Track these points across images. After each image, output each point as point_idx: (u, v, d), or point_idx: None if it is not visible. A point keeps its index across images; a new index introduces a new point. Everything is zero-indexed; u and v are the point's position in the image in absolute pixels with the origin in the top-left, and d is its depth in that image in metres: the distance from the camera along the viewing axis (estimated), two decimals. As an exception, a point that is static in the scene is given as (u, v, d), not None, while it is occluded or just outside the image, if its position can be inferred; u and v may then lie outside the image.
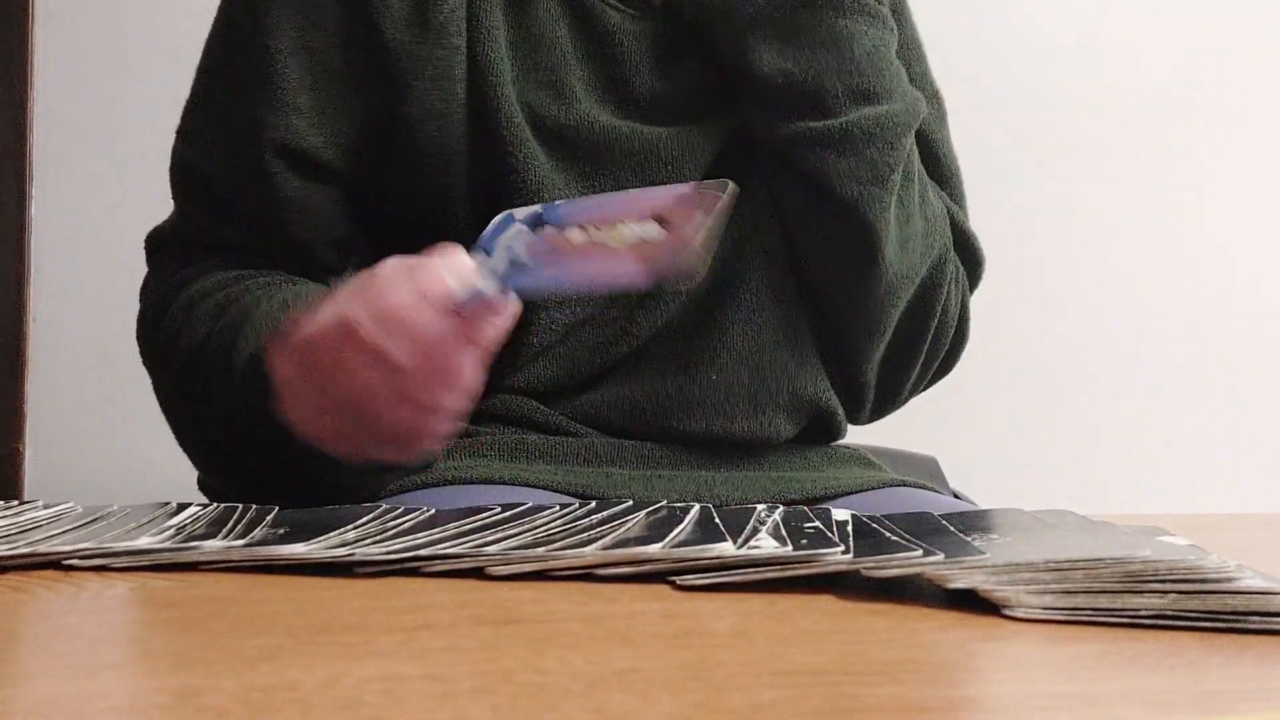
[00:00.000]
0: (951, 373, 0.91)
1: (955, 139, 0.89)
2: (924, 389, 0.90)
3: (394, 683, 0.29)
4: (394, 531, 0.48)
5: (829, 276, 0.80)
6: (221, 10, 0.80)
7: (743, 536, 0.45)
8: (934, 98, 0.88)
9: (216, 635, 0.34)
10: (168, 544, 0.46)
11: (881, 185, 0.76)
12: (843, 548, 0.42)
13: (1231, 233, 1.82)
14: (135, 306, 0.79)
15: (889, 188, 0.76)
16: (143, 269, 0.81)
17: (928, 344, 0.84)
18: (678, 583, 0.42)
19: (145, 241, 0.82)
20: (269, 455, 0.67)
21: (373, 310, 0.60)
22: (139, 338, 0.78)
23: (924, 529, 0.48)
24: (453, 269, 0.60)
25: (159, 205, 0.81)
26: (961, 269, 0.86)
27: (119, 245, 1.55)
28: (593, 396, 0.78)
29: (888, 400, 0.87)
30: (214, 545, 0.45)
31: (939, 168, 0.87)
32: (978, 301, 0.89)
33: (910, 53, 0.87)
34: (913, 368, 0.85)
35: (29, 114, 1.57)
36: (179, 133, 0.79)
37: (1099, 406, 1.78)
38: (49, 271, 1.58)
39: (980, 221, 0.89)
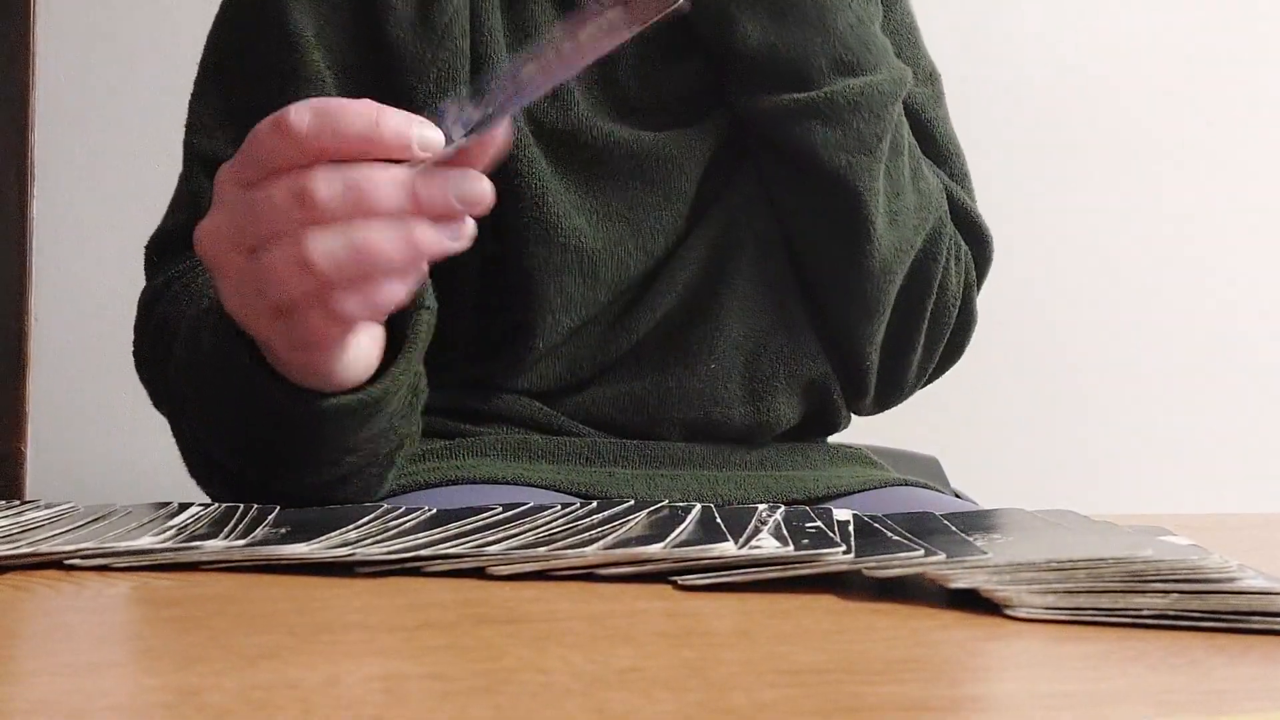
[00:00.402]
0: (955, 373, 0.91)
1: (960, 138, 0.89)
2: (934, 376, 0.88)
3: (395, 681, 0.29)
4: (395, 531, 0.48)
5: (821, 254, 0.79)
6: (228, 6, 0.79)
7: (744, 536, 0.45)
8: (930, 78, 0.87)
9: (218, 634, 0.34)
10: (169, 544, 0.46)
11: (869, 155, 0.76)
12: (844, 547, 0.42)
13: (1233, 233, 1.82)
14: (137, 306, 0.78)
15: (877, 157, 0.76)
16: (142, 267, 0.80)
17: (927, 324, 0.82)
18: (679, 582, 0.42)
19: (146, 248, 0.79)
20: (248, 425, 0.60)
21: (318, 111, 0.48)
22: (136, 329, 0.74)
23: (926, 529, 0.48)
24: (423, 120, 0.49)
25: (162, 205, 0.81)
26: (964, 247, 0.85)
27: (121, 245, 1.55)
28: (595, 394, 0.79)
29: (892, 387, 0.85)
30: (215, 545, 0.45)
31: (936, 147, 0.86)
32: (979, 301, 0.88)
33: (903, 35, 0.86)
34: (914, 350, 0.83)
35: (30, 114, 1.57)
36: (190, 127, 0.77)
37: (1100, 406, 1.78)
38: (51, 272, 1.58)
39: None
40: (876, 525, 0.50)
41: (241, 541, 0.46)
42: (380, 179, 0.48)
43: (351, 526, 0.49)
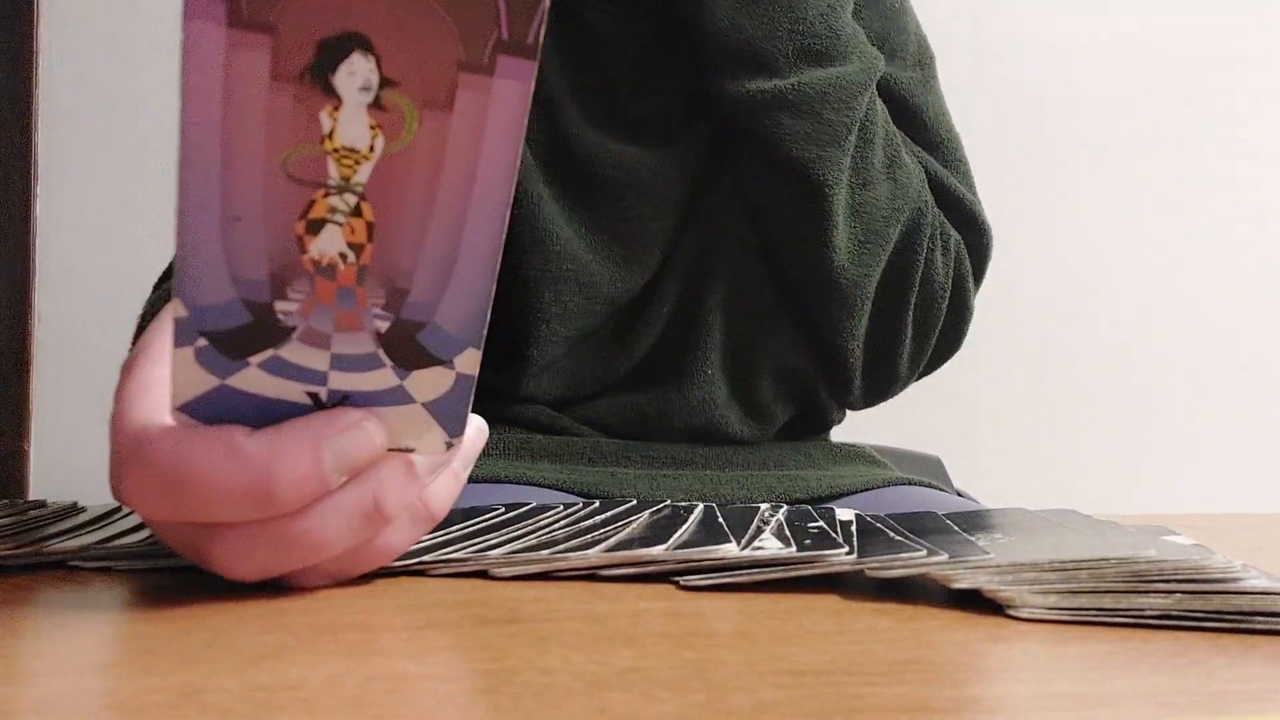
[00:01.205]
0: (957, 372, 0.90)
1: (965, 136, 0.88)
2: (931, 367, 0.86)
3: (397, 682, 0.29)
4: (398, 531, 0.48)
5: (791, 248, 0.78)
6: None
7: (746, 537, 0.45)
8: (919, 62, 0.85)
9: (219, 634, 0.34)
10: (172, 543, 0.46)
11: (838, 147, 0.74)
12: (846, 548, 0.42)
13: (1238, 232, 1.82)
14: (141, 304, 0.78)
15: (844, 149, 0.75)
16: (146, 266, 0.79)
17: (913, 316, 0.81)
18: (681, 583, 0.42)
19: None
20: None
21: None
22: None
23: (928, 528, 0.48)
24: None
25: (165, 203, 0.81)
26: (954, 236, 0.83)
27: (125, 243, 1.55)
28: (596, 406, 0.79)
29: (884, 379, 0.83)
30: (218, 544, 0.45)
31: (926, 134, 0.84)
32: (981, 300, 0.88)
33: (891, 20, 0.84)
34: (902, 343, 0.81)
35: (34, 111, 1.57)
36: None
37: (1103, 405, 1.78)
38: (54, 270, 1.58)
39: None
40: (879, 525, 0.50)
41: (244, 541, 0.46)
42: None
43: (354, 526, 0.49)
